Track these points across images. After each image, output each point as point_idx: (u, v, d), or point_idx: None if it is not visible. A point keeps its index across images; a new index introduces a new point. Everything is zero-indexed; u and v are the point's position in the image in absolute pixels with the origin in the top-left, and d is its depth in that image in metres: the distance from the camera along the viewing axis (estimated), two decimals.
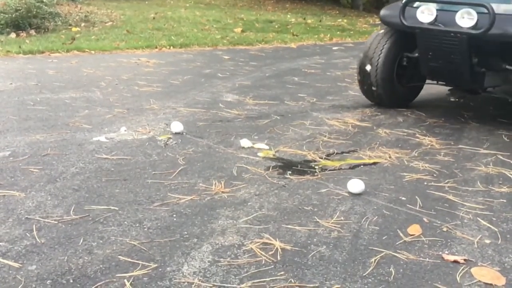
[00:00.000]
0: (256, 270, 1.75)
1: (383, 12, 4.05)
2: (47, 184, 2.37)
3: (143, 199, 2.26)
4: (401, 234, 2.04)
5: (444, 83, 4.06)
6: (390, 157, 2.90)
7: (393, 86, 4.04)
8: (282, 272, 1.75)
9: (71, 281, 1.66)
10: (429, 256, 1.89)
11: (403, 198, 2.37)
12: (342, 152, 2.95)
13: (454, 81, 3.94)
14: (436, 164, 2.81)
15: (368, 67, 4.00)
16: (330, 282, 1.70)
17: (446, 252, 1.93)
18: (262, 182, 2.48)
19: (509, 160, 2.91)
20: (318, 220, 2.13)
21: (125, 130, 3.17)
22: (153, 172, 2.55)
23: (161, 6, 11.66)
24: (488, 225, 2.15)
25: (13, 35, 6.92)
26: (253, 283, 1.68)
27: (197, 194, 2.33)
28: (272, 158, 2.83)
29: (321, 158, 2.84)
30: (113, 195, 2.28)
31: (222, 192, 2.35)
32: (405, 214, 2.22)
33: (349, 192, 2.39)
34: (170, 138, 3.06)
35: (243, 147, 2.97)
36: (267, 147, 2.98)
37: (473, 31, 3.30)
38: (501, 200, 2.40)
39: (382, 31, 4.09)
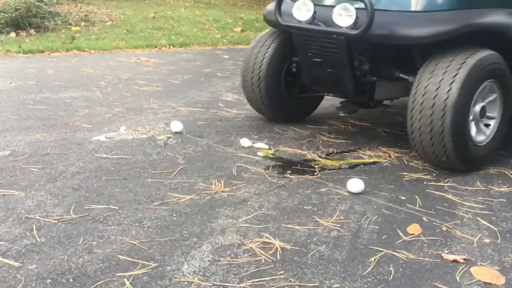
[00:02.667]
0: (255, 270, 1.76)
1: (267, 8, 3.31)
2: (47, 183, 2.37)
3: (143, 198, 2.26)
4: (400, 234, 2.04)
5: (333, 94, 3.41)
6: (389, 156, 2.90)
7: (281, 97, 3.40)
8: (282, 272, 1.75)
9: (71, 280, 1.66)
10: (429, 256, 1.89)
11: (403, 198, 2.37)
12: (342, 152, 2.95)
13: (338, 92, 3.23)
14: None
15: (250, 74, 3.38)
16: (330, 282, 1.71)
17: (446, 251, 1.93)
18: (261, 182, 2.48)
19: (508, 160, 2.91)
20: (317, 219, 2.13)
21: (125, 130, 3.18)
22: (153, 172, 2.55)
23: (161, 5, 11.65)
24: (488, 224, 2.15)
25: (13, 34, 6.91)
26: (253, 282, 1.69)
27: (197, 193, 2.33)
28: (272, 157, 2.83)
29: (321, 158, 2.84)
30: (113, 194, 2.28)
31: (222, 191, 2.36)
32: (404, 214, 2.22)
33: (348, 192, 2.39)
34: (170, 137, 3.06)
35: (243, 147, 2.97)
36: (266, 146, 2.98)
37: (351, 31, 2.73)
38: (501, 199, 2.40)
39: (268, 31, 3.46)
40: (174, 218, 2.09)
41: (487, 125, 2.80)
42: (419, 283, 1.72)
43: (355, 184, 2.39)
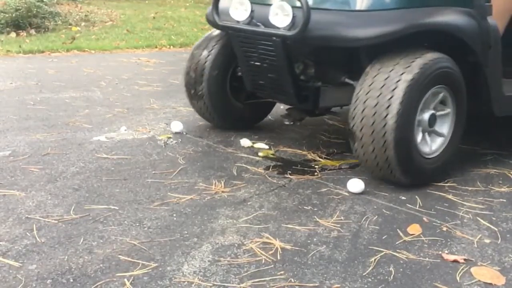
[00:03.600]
0: (256, 270, 1.76)
1: (209, 7, 2.95)
2: (47, 183, 2.37)
3: (143, 198, 2.26)
4: (401, 234, 2.04)
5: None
6: None
7: (227, 103, 3.16)
8: (282, 272, 1.75)
9: (71, 280, 1.66)
10: (429, 256, 1.89)
11: (403, 198, 2.37)
12: (342, 152, 2.95)
13: (280, 98, 3.00)
14: None
15: (193, 77, 3.13)
16: (330, 282, 1.71)
17: (446, 251, 1.93)
18: (262, 182, 2.48)
19: (508, 160, 2.91)
20: (318, 219, 2.13)
21: (125, 130, 3.18)
22: (153, 172, 2.55)
23: (161, 5, 11.65)
24: (488, 224, 2.15)
25: (13, 34, 6.91)
26: (253, 282, 1.69)
27: (197, 193, 2.33)
28: (272, 157, 2.83)
29: (321, 158, 2.84)
30: (113, 194, 2.28)
31: (222, 191, 2.36)
32: (405, 214, 2.22)
33: (349, 192, 2.39)
34: (170, 137, 3.06)
35: (243, 147, 2.97)
36: (267, 146, 2.98)
37: (287, 33, 2.48)
38: (501, 199, 2.40)
39: (212, 32, 3.20)
40: (174, 218, 2.09)
41: (438, 135, 2.55)
42: (419, 283, 1.72)
43: (355, 184, 2.39)
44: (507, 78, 2.79)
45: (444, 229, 2.10)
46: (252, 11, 2.65)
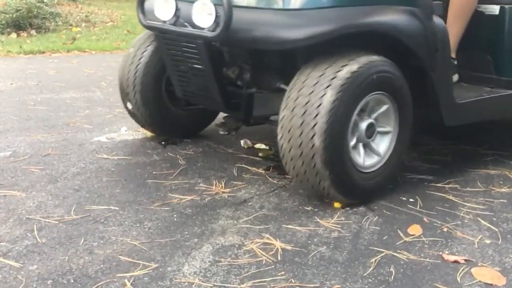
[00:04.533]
0: (256, 270, 1.76)
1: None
2: (48, 184, 2.37)
3: (143, 199, 2.26)
4: (401, 234, 2.04)
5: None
6: None
7: (163, 110, 2.88)
8: (283, 272, 1.75)
9: (72, 281, 1.66)
10: (430, 256, 1.89)
11: (404, 198, 2.37)
12: None
13: (210, 106, 2.76)
14: (436, 164, 2.81)
15: (126, 80, 2.87)
16: (331, 282, 1.71)
17: (447, 252, 1.93)
18: (262, 182, 2.48)
19: (509, 161, 2.90)
20: (318, 220, 2.13)
21: (125, 130, 3.18)
22: (154, 172, 2.55)
23: None
24: (489, 225, 2.15)
25: (13, 35, 6.92)
26: (253, 283, 1.69)
27: (198, 194, 2.33)
28: (272, 158, 2.83)
29: None
30: (114, 195, 2.28)
31: (223, 192, 2.36)
32: (405, 214, 2.22)
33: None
34: (170, 138, 3.06)
35: (244, 147, 2.97)
36: (267, 147, 2.98)
37: (208, 34, 2.22)
38: (502, 200, 2.40)
39: (146, 32, 2.91)
40: (175, 219, 2.09)
41: (374, 152, 2.31)
42: (419, 284, 1.72)
43: None
44: (469, 84, 2.72)
45: (445, 229, 2.10)
46: (177, 9, 2.38)
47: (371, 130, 2.25)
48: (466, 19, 2.68)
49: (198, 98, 2.70)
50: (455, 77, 2.74)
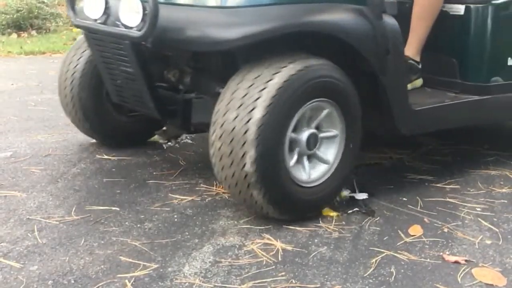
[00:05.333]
0: (257, 271, 1.76)
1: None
2: (49, 184, 2.37)
3: (144, 199, 2.26)
4: (402, 235, 2.04)
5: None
6: (391, 157, 2.90)
7: (104, 115, 2.69)
8: (283, 273, 1.75)
9: (73, 281, 1.66)
10: (430, 257, 1.89)
11: (404, 199, 2.37)
12: None
13: (146, 112, 2.46)
14: (437, 164, 2.81)
15: (63, 83, 2.69)
16: (331, 283, 1.71)
17: (447, 252, 1.93)
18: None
19: (509, 161, 2.90)
20: (319, 220, 2.13)
21: None
22: (154, 173, 2.55)
23: None
24: (489, 225, 2.15)
25: (14, 35, 6.92)
26: (254, 283, 1.69)
27: (198, 194, 2.33)
28: None
29: None
30: (114, 195, 2.28)
31: (223, 192, 2.35)
32: (406, 215, 2.22)
33: (350, 193, 2.39)
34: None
35: None
36: None
37: (134, 33, 2.03)
38: (502, 200, 2.40)
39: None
40: (175, 219, 2.09)
41: (321, 161, 2.12)
42: (420, 284, 1.72)
43: None
44: (433, 89, 2.56)
45: (445, 230, 2.10)
46: (107, 7, 2.17)
47: (313, 140, 2.05)
48: (431, 19, 2.51)
49: (133, 104, 2.46)
50: (419, 82, 2.60)
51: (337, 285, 1.70)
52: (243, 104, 1.91)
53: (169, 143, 2.75)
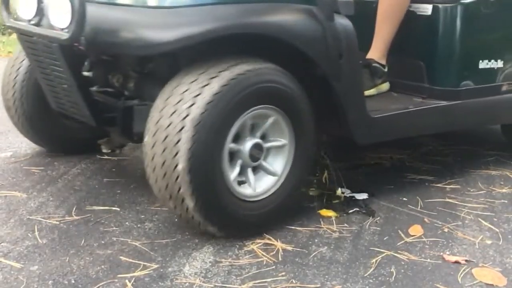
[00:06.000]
0: (257, 271, 1.76)
1: None
2: (49, 184, 2.37)
3: (144, 199, 2.26)
4: (402, 235, 2.04)
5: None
6: (391, 157, 2.90)
7: (50, 122, 2.54)
8: (283, 273, 1.75)
9: (73, 281, 1.66)
10: (430, 257, 1.89)
11: (404, 199, 2.37)
12: (344, 153, 2.95)
13: (83, 119, 2.23)
14: (437, 164, 2.81)
15: (6, 86, 2.53)
16: (331, 283, 1.71)
17: (447, 252, 1.93)
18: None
19: (510, 161, 2.90)
20: (319, 220, 2.13)
21: None
22: None
23: None
24: (490, 225, 2.15)
25: (14, 35, 6.93)
26: (254, 283, 1.69)
27: None
28: None
29: (322, 159, 2.84)
30: (114, 195, 2.29)
31: None
32: (406, 215, 2.22)
33: (350, 192, 2.39)
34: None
35: None
36: None
37: (61, 36, 1.85)
38: (503, 200, 2.40)
39: None
40: (176, 219, 2.09)
41: (268, 172, 1.98)
42: (420, 284, 1.72)
43: None
44: (400, 94, 2.46)
45: (446, 230, 2.10)
46: (40, 7, 1.99)
47: (258, 151, 1.91)
48: (397, 20, 2.39)
49: (71, 112, 2.26)
50: (385, 86, 2.50)
51: (337, 285, 1.70)
52: (177, 111, 1.74)
53: (116, 152, 2.65)
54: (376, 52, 2.45)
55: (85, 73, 2.08)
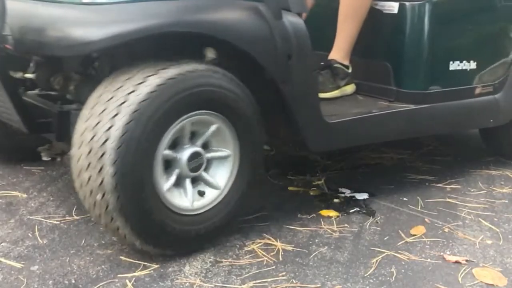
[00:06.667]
0: (257, 271, 1.76)
1: None
2: (49, 184, 2.37)
3: None
4: (402, 235, 2.04)
5: None
6: (391, 157, 2.90)
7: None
8: (284, 273, 1.75)
9: (73, 281, 1.66)
10: (431, 257, 1.89)
11: (405, 199, 2.37)
12: (344, 153, 2.95)
13: (13, 123, 2.12)
14: (438, 164, 2.81)
15: None
16: (332, 283, 1.71)
17: (448, 252, 1.93)
18: (263, 183, 2.48)
19: (510, 161, 2.90)
20: (319, 220, 2.13)
21: None
22: None
23: None
24: (490, 225, 2.15)
25: None
26: (254, 283, 1.69)
27: None
28: (274, 158, 2.83)
29: (323, 159, 2.84)
30: None
31: None
32: (406, 215, 2.22)
33: (350, 192, 2.39)
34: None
35: None
36: (268, 147, 2.98)
37: None
38: (503, 200, 2.40)
39: None
40: None
41: (209, 185, 1.83)
42: (420, 284, 1.72)
43: None
44: (366, 97, 2.33)
45: (446, 230, 2.10)
46: None
47: (197, 160, 1.76)
48: (360, 18, 2.27)
49: (3, 117, 2.13)
50: (350, 88, 2.37)
51: (338, 285, 1.70)
52: (101, 122, 1.60)
53: (57, 160, 2.59)
54: (338, 52, 2.32)
55: (28, 75, 1.98)
